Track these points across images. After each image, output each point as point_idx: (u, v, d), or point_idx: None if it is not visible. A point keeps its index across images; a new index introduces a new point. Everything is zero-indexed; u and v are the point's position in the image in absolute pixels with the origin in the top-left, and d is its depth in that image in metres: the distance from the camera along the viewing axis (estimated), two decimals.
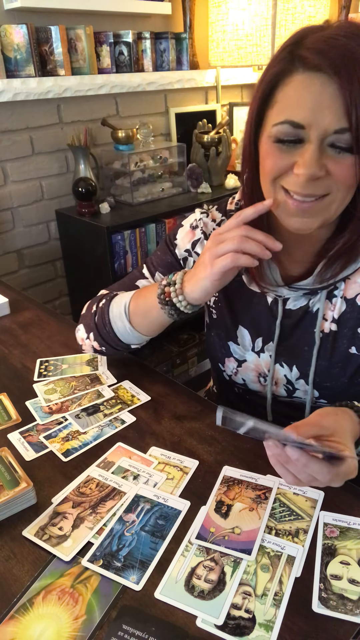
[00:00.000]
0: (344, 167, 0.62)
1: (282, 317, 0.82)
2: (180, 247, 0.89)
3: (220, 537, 0.63)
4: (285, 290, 0.79)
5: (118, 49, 1.98)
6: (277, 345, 0.83)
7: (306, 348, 0.81)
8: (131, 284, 0.95)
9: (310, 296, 0.79)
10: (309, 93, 0.59)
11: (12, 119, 1.80)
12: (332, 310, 0.79)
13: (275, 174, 0.66)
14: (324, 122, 0.59)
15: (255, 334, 0.85)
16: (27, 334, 1.14)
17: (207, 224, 0.87)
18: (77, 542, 0.63)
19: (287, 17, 2.01)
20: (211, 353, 0.95)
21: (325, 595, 0.56)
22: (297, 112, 0.61)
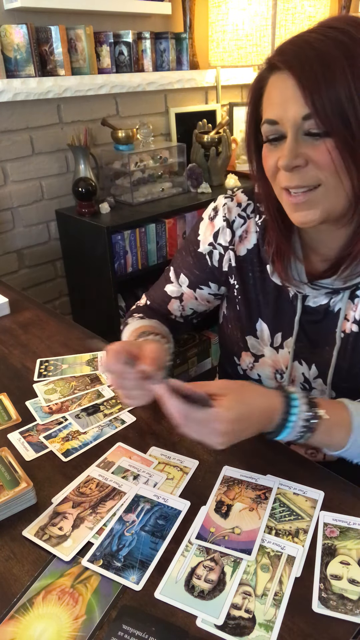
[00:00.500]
0: (321, 152, 0.63)
1: (301, 314, 0.81)
2: (204, 241, 0.89)
3: (220, 537, 0.63)
4: (307, 288, 0.79)
5: (118, 49, 1.98)
6: (297, 342, 0.83)
7: (327, 348, 0.81)
8: (161, 290, 0.97)
9: (331, 295, 0.79)
10: (277, 90, 0.65)
11: (12, 119, 1.80)
12: (354, 310, 0.78)
13: (271, 173, 0.70)
14: (291, 113, 0.63)
15: (275, 329, 0.85)
16: (27, 334, 1.14)
17: (232, 209, 0.86)
18: (77, 542, 0.63)
19: (287, 17, 2.01)
20: (227, 346, 0.94)
21: (325, 595, 0.56)
22: (270, 110, 0.66)
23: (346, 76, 0.60)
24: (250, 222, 0.85)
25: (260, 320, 0.86)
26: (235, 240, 0.86)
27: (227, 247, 0.86)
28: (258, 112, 0.70)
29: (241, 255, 0.85)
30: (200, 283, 0.92)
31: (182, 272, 0.93)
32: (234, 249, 0.86)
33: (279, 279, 0.81)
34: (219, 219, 0.87)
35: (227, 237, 0.86)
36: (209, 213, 0.88)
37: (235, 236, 0.86)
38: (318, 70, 0.60)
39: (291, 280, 0.79)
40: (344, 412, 0.69)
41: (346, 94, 0.60)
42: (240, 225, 0.85)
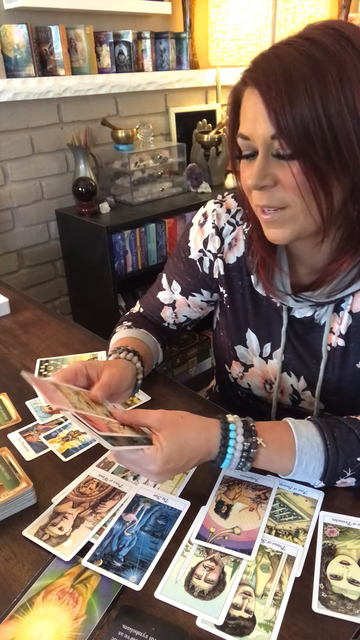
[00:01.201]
0: (287, 174, 0.61)
1: (288, 325, 0.80)
2: (194, 248, 0.87)
3: (220, 537, 0.63)
4: (290, 300, 0.77)
5: (118, 49, 1.98)
6: (285, 354, 0.82)
7: (314, 361, 0.80)
8: (154, 297, 0.95)
9: (315, 307, 0.78)
10: (249, 106, 0.62)
11: (12, 119, 1.80)
12: (339, 323, 0.77)
13: (245, 188, 0.68)
14: (260, 131, 0.61)
15: (264, 339, 0.84)
16: (27, 334, 1.14)
17: (221, 216, 0.84)
18: (77, 542, 0.63)
19: (287, 17, 2.01)
20: (219, 353, 0.94)
21: (325, 595, 0.56)
22: (243, 125, 0.64)
23: (313, 96, 0.56)
24: (239, 229, 0.83)
25: (249, 330, 0.85)
26: (224, 248, 0.84)
27: (216, 254, 0.84)
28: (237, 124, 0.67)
29: (230, 264, 0.84)
30: (192, 290, 0.91)
31: (174, 279, 0.92)
32: (223, 257, 0.84)
33: (263, 290, 0.80)
34: (208, 225, 0.84)
35: (217, 245, 0.84)
36: (199, 219, 0.87)
37: (224, 244, 0.84)
38: (283, 89, 0.57)
39: (274, 292, 0.78)
40: (285, 436, 0.65)
41: (312, 115, 0.56)
42: (230, 233, 0.83)
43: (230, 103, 0.67)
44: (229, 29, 2.07)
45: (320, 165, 0.59)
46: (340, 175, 0.60)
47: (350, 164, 0.59)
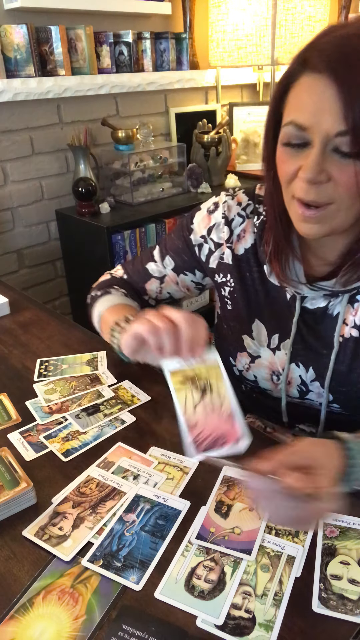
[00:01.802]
0: (346, 174, 0.60)
1: (299, 315, 0.80)
2: (197, 232, 0.88)
3: (220, 537, 0.63)
4: (305, 289, 0.77)
5: (118, 49, 1.98)
6: (294, 345, 0.82)
7: (325, 351, 0.80)
8: (142, 267, 0.96)
9: (330, 298, 0.78)
10: (312, 95, 0.59)
11: (12, 119, 1.80)
12: (354, 315, 0.77)
13: (286, 179, 0.66)
14: (325, 125, 0.58)
15: (272, 330, 0.84)
16: (27, 334, 1.14)
17: (232, 207, 0.85)
18: (77, 542, 0.63)
19: (287, 17, 2.01)
20: (222, 346, 0.93)
21: (325, 595, 0.56)
22: (300, 114, 0.61)
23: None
24: (249, 222, 0.84)
25: (257, 320, 0.85)
26: (233, 238, 0.85)
27: (222, 244, 0.85)
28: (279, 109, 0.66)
29: (239, 254, 0.85)
30: (185, 269, 0.91)
31: (168, 254, 0.92)
32: (232, 247, 0.85)
33: (276, 279, 0.80)
34: (218, 214, 0.86)
35: (224, 235, 0.85)
36: (209, 206, 0.87)
37: (233, 235, 0.85)
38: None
39: (289, 281, 0.78)
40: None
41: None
42: (239, 224, 0.84)
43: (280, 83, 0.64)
44: (229, 29, 2.07)
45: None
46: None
47: None
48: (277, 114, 0.66)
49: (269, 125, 0.68)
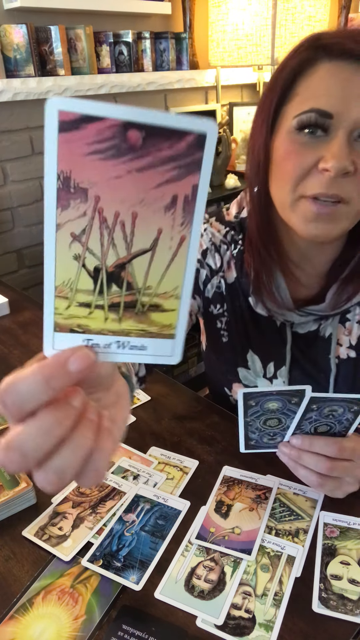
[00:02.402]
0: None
1: (291, 343, 0.77)
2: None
3: (220, 537, 0.63)
4: (295, 316, 0.74)
5: (118, 49, 1.98)
6: (291, 372, 0.79)
7: (322, 375, 0.78)
8: None
9: (320, 321, 0.76)
10: (338, 81, 0.56)
11: (12, 119, 1.80)
12: (347, 334, 0.75)
13: (297, 175, 0.60)
14: (354, 112, 0.55)
15: (266, 359, 0.81)
16: (27, 334, 1.14)
17: (215, 234, 0.80)
18: (77, 542, 0.63)
19: (287, 17, 2.01)
20: (215, 377, 0.90)
21: (325, 595, 0.56)
22: (325, 100, 0.56)
23: None
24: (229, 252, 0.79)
25: (250, 351, 0.81)
26: (224, 266, 0.80)
27: (217, 271, 0.80)
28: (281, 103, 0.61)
29: (230, 283, 0.80)
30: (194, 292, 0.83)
31: None
32: (224, 275, 0.80)
33: (263, 309, 0.76)
34: (206, 239, 0.80)
35: (217, 262, 0.80)
36: None
37: (223, 262, 0.80)
38: None
39: (277, 309, 0.74)
40: None
41: None
42: (226, 252, 0.79)
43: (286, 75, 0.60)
44: (229, 29, 2.07)
45: None
46: None
47: None
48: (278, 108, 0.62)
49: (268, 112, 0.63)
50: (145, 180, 0.27)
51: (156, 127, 0.26)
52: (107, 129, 0.26)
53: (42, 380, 0.29)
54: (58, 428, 0.30)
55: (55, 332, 0.31)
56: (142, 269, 0.30)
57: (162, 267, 0.30)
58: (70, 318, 0.31)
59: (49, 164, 0.26)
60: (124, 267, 0.30)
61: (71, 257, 0.29)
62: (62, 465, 0.30)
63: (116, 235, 0.29)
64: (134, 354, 0.33)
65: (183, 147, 0.27)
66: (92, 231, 0.29)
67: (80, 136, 0.26)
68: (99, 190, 0.27)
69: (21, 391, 0.29)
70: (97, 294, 0.31)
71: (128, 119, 0.26)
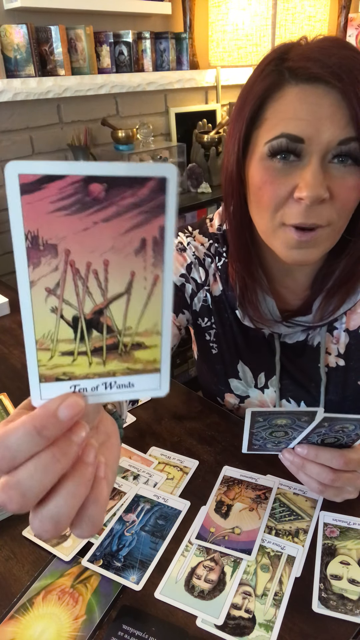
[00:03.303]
0: (348, 188, 0.57)
1: (280, 352, 0.78)
2: (175, 272, 0.80)
3: (220, 537, 0.63)
4: (282, 327, 0.74)
5: (118, 49, 1.98)
6: (281, 381, 0.80)
7: (312, 384, 0.79)
8: None
9: (308, 331, 0.76)
10: (306, 105, 0.55)
11: (12, 119, 1.80)
12: (336, 343, 0.76)
13: (274, 204, 0.60)
14: (326, 135, 0.55)
15: (257, 369, 0.81)
16: None
17: (198, 248, 0.80)
18: (77, 542, 0.63)
19: (287, 17, 2.01)
20: (208, 387, 0.90)
21: (325, 595, 0.56)
22: (294, 125, 0.56)
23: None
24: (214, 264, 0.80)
25: (240, 362, 0.82)
26: (209, 279, 0.80)
27: (202, 285, 0.80)
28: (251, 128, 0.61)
29: (216, 296, 0.80)
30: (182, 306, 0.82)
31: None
32: (209, 289, 0.80)
33: (250, 322, 0.76)
34: (189, 253, 0.80)
35: (202, 275, 0.80)
36: (175, 244, 0.80)
37: (208, 275, 0.79)
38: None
39: (264, 321, 0.74)
40: None
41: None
42: (210, 264, 0.79)
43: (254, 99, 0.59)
44: (229, 29, 2.07)
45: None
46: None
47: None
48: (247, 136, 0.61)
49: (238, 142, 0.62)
50: (112, 228, 0.28)
51: (117, 177, 0.27)
52: (69, 185, 0.26)
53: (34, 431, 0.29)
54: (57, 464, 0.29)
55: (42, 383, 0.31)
56: (121, 311, 0.30)
57: (139, 307, 0.30)
58: (55, 368, 0.31)
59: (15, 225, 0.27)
60: (102, 313, 0.30)
61: (49, 311, 0.29)
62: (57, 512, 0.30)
63: (90, 283, 0.29)
64: (122, 392, 0.33)
65: (145, 193, 0.27)
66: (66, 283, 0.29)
67: (43, 196, 0.26)
68: (68, 243, 0.28)
69: (12, 446, 0.29)
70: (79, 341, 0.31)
71: (88, 173, 0.26)
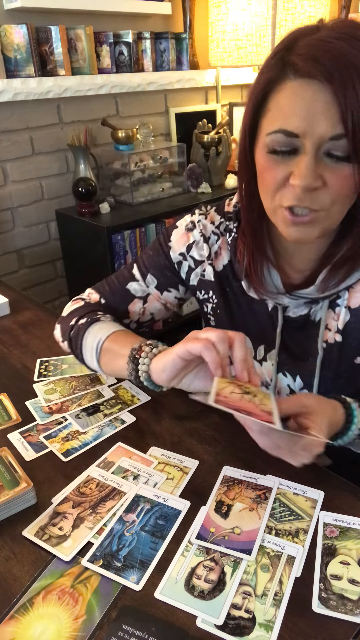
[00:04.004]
0: (341, 177, 0.60)
1: (282, 326, 0.80)
2: (175, 249, 0.87)
3: (220, 537, 0.63)
4: (286, 299, 0.77)
5: (118, 49, 1.98)
6: (279, 354, 0.82)
7: (310, 359, 0.80)
8: (122, 288, 0.91)
9: (311, 305, 0.78)
10: (302, 100, 0.58)
11: (12, 119, 1.80)
12: (336, 320, 0.77)
13: (273, 187, 0.65)
14: (319, 130, 0.58)
15: (257, 342, 0.84)
16: (27, 334, 1.14)
17: (207, 226, 0.85)
18: (77, 542, 0.63)
19: (287, 17, 2.01)
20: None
21: (325, 595, 0.56)
22: (291, 121, 0.59)
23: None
24: (223, 239, 0.84)
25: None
26: (212, 255, 0.85)
27: (202, 261, 0.85)
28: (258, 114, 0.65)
29: (219, 271, 0.85)
30: (169, 285, 0.89)
31: (149, 272, 0.89)
32: (212, 264, 0.85)
33: (255, 293, 0.79)
34: (197, 232, 0.85)
35: (204, 252, 0.85)
36: (186, 223, 0.87)
37: (211, 251, 0.85)
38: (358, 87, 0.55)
39: (268, 293, 0.78)
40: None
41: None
42: (215, 242, 0.85)
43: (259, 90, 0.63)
44: (229, 29, 2.07)
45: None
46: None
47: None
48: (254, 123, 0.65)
49: (246, 135, 0.67)
50: None
51: None
52: None
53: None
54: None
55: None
56: None
57: None
58: None
59: None
60: None
61: None
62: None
63: None
64: None
65: None
66: None
67: None
68: None
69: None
70: None
71: None
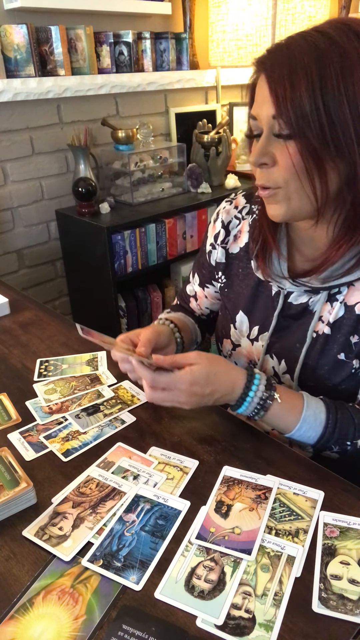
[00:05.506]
0: (285, 154, 0.66)
1: (280, 310, 0.84)
2: (208, 242, 0.96)
3: (220, 537, 0.63)
4: (287, 284, 0.81)
5: (118, 49, 1.98)
6: (271, 337, 0.85)
7: (297, 345, 0.82)
8: (184, 291, 1.07)
9: (311, 294, 0.80)
10: (259, 90, 0.68)
11: (12, 119, 1.80)
12: (330, 313, 0.79)
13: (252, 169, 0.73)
14: (264, 112, 0.66)
15: (254, 322, 0.88)
16: (27, 334, 1.14)
17: (229, 212, 0.92)
18: (77, 542, 0.63)
19: (287, 17, 2.01)
20: (217, 330, 1.00)
21: (325, 595, 0.56)
22: (254, 107, 0.70)
23: (312, 82, 0.61)
24: (245, 222, 0.90)
25: (241, 312, 0.90)
26: (229, 239, 0.92)
27: (220, 245, 0.93)
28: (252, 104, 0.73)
29: (234, 253, 0.92)
30: (206, 282, 0.99)
31: (196, 271, 1.01)
32: (226, 247, 0.92)
33: (261, 274, 0.85)
34: (219, 222, 0.93)
35: (221, 237, 0.92)
36: (213, 216, 0.96)
37: (229, 235, 0.92)
38: (286, 74, 0.62)
39: (273, 276, 0.83)
40: (297, 401, 0.74)
41: (310, 100, 0.61)
42: (236, 226, 0.92)
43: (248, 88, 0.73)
44: (229, 29, 2.07)
45: (316, 147, 0.63)
46: (336, 160, 0.65)
47: (346, 150, 0.63)
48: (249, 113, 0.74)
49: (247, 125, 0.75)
50: None
51: None
52: None
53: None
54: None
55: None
56: None
57: None
58: None
59: None
60: None
61: None
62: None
63: None
64: None
65: None
66: None
67: None
68: None
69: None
70: None
71: None
